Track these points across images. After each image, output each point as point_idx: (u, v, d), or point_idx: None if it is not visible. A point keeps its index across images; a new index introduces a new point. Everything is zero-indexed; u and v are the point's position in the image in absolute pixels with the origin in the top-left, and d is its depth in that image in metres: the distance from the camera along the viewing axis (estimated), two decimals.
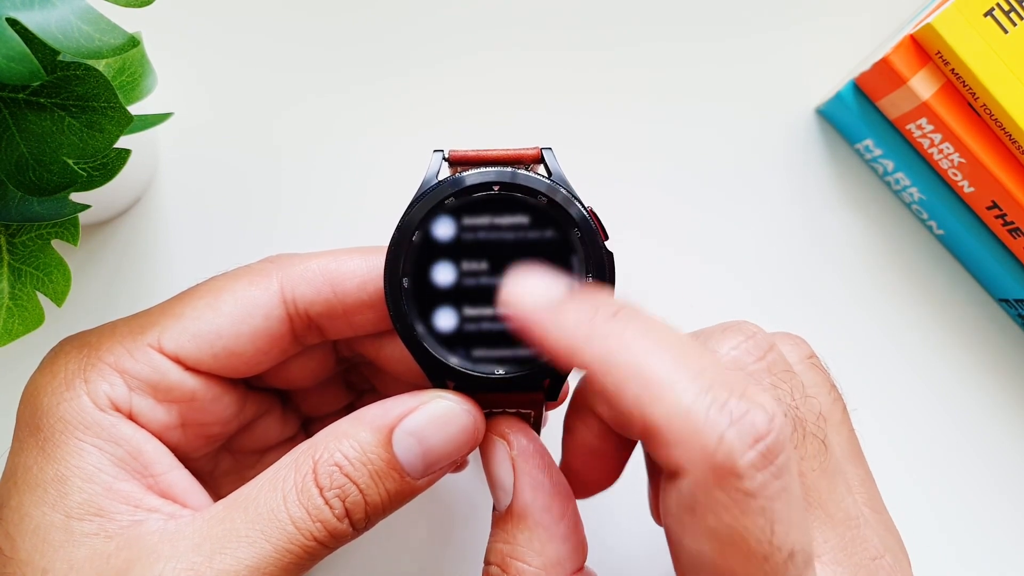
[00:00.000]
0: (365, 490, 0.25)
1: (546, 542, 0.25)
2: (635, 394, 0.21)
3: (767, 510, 0.21)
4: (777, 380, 0.25)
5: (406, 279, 0.26)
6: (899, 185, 0.40)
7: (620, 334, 0.22)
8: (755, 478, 0.20)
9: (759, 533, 0.21)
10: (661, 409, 0.21)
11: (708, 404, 0.21)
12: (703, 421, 0.21)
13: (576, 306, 0.23)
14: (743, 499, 0.20)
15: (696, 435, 0.20)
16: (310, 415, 0.33)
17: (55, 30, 0.23)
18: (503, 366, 0.26)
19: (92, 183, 0.27)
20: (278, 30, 0.40)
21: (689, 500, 0.21)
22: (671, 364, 0.21)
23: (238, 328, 0.27)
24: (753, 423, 0.21)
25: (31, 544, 0.24)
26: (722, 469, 0.20)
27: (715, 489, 0.20)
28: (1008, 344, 0.40)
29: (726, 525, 0.20)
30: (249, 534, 0.24)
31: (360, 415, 0.26)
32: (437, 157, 0.26)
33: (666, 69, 0.41)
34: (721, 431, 0.20)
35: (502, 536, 0.25)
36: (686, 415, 0.21)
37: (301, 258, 0.28)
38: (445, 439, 0.25)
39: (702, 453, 0.20)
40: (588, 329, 0.22)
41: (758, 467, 0.21)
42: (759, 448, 0.21)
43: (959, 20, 0.35)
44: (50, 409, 0.26)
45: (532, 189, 0.25)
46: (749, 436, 0.21)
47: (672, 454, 0.21)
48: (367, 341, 0.30)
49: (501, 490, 0.26)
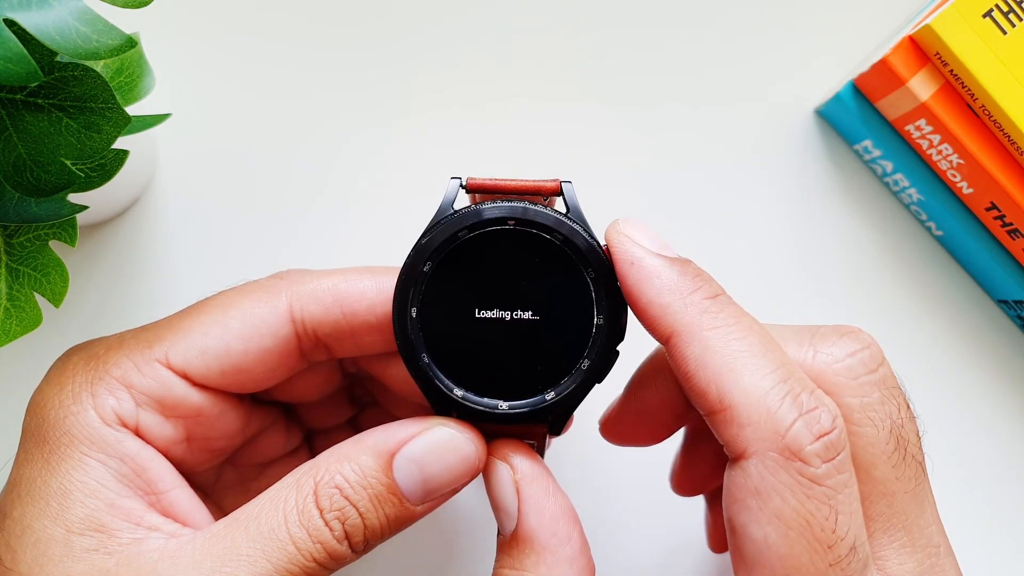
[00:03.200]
0: (364, 513, 0.25)
1: (553, 566, 0.25)
2: (717, 369, 0.23)
3: (831, 499, 0.22)
4: (887, 395, 0.25)
5: (414, 309, 0.26)
6: (898, 186, 0.40)
7: (716, 312, 0.24)
8: (820, 466, 0.22)
9: (823, 520, 0.22)
10: (739, 388, 0.22)
11: (784, 393, 0.22)
12: (777, 407, 0.22)
13: (681, 272, 0.24)
14: (809, 484, 0.22)
15: (768, 417, 0.22)
16: (313, 428, 0.33)
17: (52, 31, 0.23)
18: (508, 400, 0.26)
19: (90, 184, 0.27)
20: (278, 30, 0.40)
21: (756, 483, 0.22)
22: (756, 351, 0.23)
23: (246, 345, 0.27)
24: (819, 419, 0.22)
25: (31, 556, 0.24)
26: (790, 452, 0.22)
27: (782, 471, 0.22)
28: (1007, 345, 0.40)
29: (792, 508, 0.22)
30: (250, 553, 0.24)
31: (363, 439, 0.26)
32: (454, 184, 0.26)
33: (665, 70, 0.41)
34: (792, 418, 0.22)
35: (508, 561, 0.25)
36: (762, 398, 0.22)
37: (311, 276, 0.28)
38: (446, 467, 0.26)
39: (773, 434, 0.22)
40: (687, 297, 0.24)
41: (823, 457, 0.22)
42: (824, 442, 0.22)
43: (958, 21, 0.35)
44: (56, 422, 0.26)
45: (545, 226, 0.25)
46: (816, 429, 0.22)
47: (742, 433, 0.22)
48: (373, 360, 0.30)
49: (505, 514, 0.25)
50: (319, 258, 0.39)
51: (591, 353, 0.26)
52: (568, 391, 0.26)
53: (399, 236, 0.31)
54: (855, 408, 0.25)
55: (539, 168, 0.38)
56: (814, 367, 0.25)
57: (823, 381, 0.25)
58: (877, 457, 0.24)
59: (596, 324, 0.26)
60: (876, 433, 0.24)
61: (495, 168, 0.37)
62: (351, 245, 0.40)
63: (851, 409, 0.24)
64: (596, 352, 0.26)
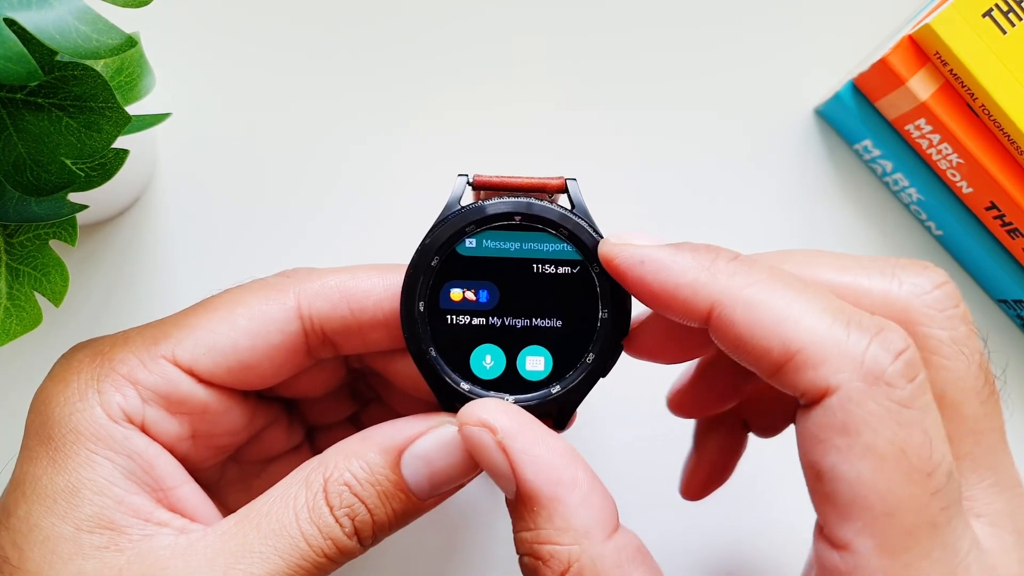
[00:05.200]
0: (373, 509, 0.25)
1: (567, 515, 0.23)
2: (772, 322, 0.22)
3: (923, 422, 0.21)
4: (971, 329, 0.24)
5: (422, 303, 0.26)
6: (898, 186, 0.40)
7: (747, 272, 0.23)
8: (906, 388, 0.21)
9: (919, 447, 0.21)
10: (803, 330, 0.21)
11: (846, 323, 0.21)
12: (846, 338, 0.21)
13: (692, 250, 0.24)
14: (899, 410, 0.21)
15: (843, 349, 0.21)
16: (315, 424, 0.33)
17: (52, 30, 0.23)
18: (513, 393, 0.26)
19: (90, 183, 0.27)
20: (279, 30, 0.40)
21: (841, 419, 0.21)
22: (800, 294, 0.22)
23: (254, 342, 0.27)
24: (891, 339, 0.21)
25: (39, 555, 0.24)
26: (873, 377, 0.21)
27: (869, 400, 0.21)
28: (1007, 345, 0.40)
29: (885, 439, 0.20)
30: (262, 550, 0.24)
31: (370, 435, 0.26)
32: (461, 181, 0.27)
33: (665, 71, 0.41)
34: (865, 344, 0.21)
35: (521, 524, 0.24)
36: (829, 333, 0.21)
37: (318, 273, 0.28)
38: (453, 464, 0.26)
39: (852, 364, 0.21)
40: (712, 268, 0.23)
41: (906, 377, 0.21)
42: (904, 359, 0.21)
43: (958, 21, 0.35)
44: (62, 419, 0.25)
45: (550, 221, 0.26)
46: (892, 349, 0.21)
47: (818, 373, 0.21)
48: (378, 356, 0.30)
49: (502, 478, 0.24)
50: (320, 258, 0.39)
51: (596, 347, 0.26)
52: (573, 385, 0.26)
53: (403, 237, 0.31)
54: (945, 341, 0.23)
55: (545, 170, 0.38)
56: (900, 298, 0.24)
57: (909, 312, 0.23)
58: (967, 393, 0.23)
59: (601, 318, 0.26)
60: (967, 367, 0.23)
61: (502, 168, 0.37)
62: (353, 245, 0.40)
63: (940, 342, 0.23)
64: (601, 346, 0.26)
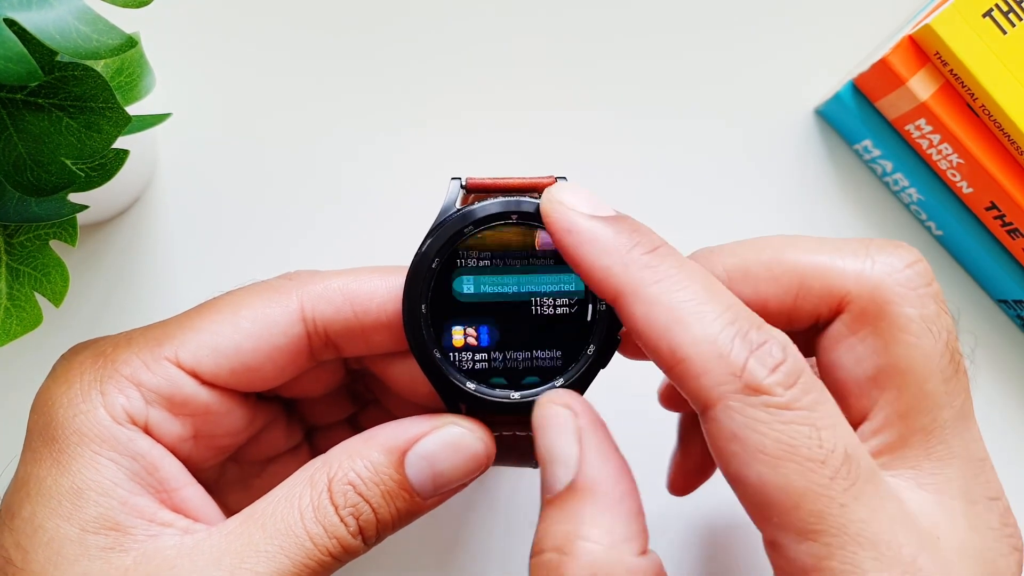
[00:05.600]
0: (377, 509, 0.26)
1: (615, 519, 0.23)
2: (664, 324, 0.22)
3: (807, 418, 0.21)
4: (941, 308, 0.25)
5: (424, 304, 0.26)
6: (898, 186, 0.40)
7: (656, 267, 0.23)
8: (784, 394, 0.21)
9: (806, 439, 0.21)
10: (689, 338, 0.22)
11: (732, 334, 0.22)
12: (728, 349, 0.22)
13: (616, 231, 0.24)
14: (780, 412, 0.21)
15: (722, 361, 0.22)
16: (315, 424, 0.33)
17: (53, 30, 0.23)
18: (519, 390, 0.27)
19: (90, 183, 0.27)
20: (280, 30, 0.40)
21: (730, 427, 0.21)
22: (700, 297, 0.23)
23: (257, 344, 0.27)
24: (771, 351, 0.22)
25: (44, 556, 0.24)
26: (751, 388, 0.21)
27: (749, 407, 0.21)
28: (1007, 345, 0.40)
29: (772, 439, 0.21)
30: (268, 549, 0.24)
31: (374, 435, 0.26)
32: (455, 184, 0.27)
33: (665, 72, 0.41)
34: (744, 357, 0.22)
35: (559, 516, 0.23)
36: (712, 344, 0.22)
37: (321, 276, 0.28)
38: (456, 464, 0.26)
39: (730, 377, 0.21)
40: (625, 256, 0.23)
41: (784, 385, 0.21)
42: (781, 371, 0.22)
43: (958, 21, 0.35)
44: (66, 420, 0.25)
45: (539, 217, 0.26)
46: (769, 362, 0.22)
47: (701, 383, 0.22)
48: (377, 359, 0.30)
49: (562, 465, 0.24)
50: (321, 258, 0.39)
51: (596, 339, 0.26)
52: (576, 377, 0.26)
53: (405, 238, 0.31)
54: (914, 319, 0.24)
55: (545, 171, 0.38)
56: (872, 276, 0.24)
57: (881, 291, 0.24)
58: (931, 371, 0.24)
59: (599, 310, 0.26)
60: (933, 344, 0.24)
61: (499, 169, 0.37)
62: (354, 245, 0.40)
63: (910, 319, 0.24)
64: (600, 337, 0.26)
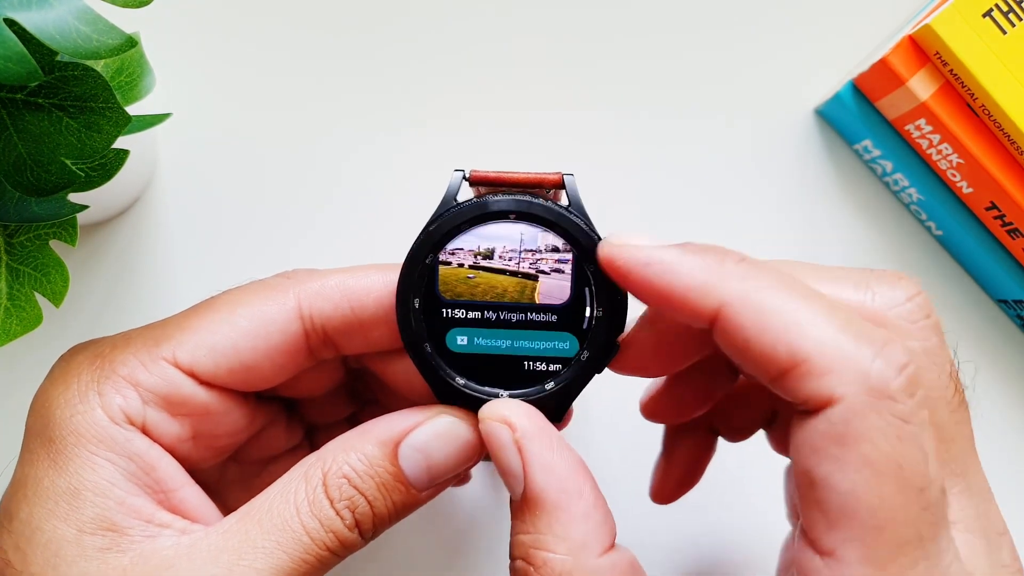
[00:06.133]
0: (373, 501, 0.25)
1: (568, 524, 0.24)
2: (780, 327, 0.22)
3: (920, 438, 0.21)
4: (942, 340, 0.25)
5: (417, 300, 0.26)
6: (898, 186, 0.40)
7: (755, 276, 0.23)
8: (907, 403, 0.21)
9: (916, 463, 0.21)
10: (811, 339, 0.21)
11: (854, 334, 0.21)
12: (854, 348, 0.21)
13: (700, 251, 0.24)
14: (899, 424, 0.21)
15: (849, 361, 0.21)
16: (315, 423, 0.33)
17: (53, 30, 0.23)
18: (509, 388, 0.26)
19: (90, 183, 0.27)
20: (280, 30, 0.40)
21: (840, 430, 0.21)
22: (809, 301, 0.22)
23: (255, 343, 0.27)
24: (895, 352, 0.21)
25: (43, 558, 0.24)
26: (877, 391, 0.21)
27: (871, 413, 0.21)
28: (1007, 345, 0.40)
29: (883, 453, 0.21)
30: (265, 545, 0.24)
31: (367, 428, 0.26)
32: (457, 176, 0.27)
33: (665, 72, 0.41)
34: (871, 357, 0.21)
35: (521, 527, 0.24)
36: (836, 343, 0.21)
37: (318, 274, 0.28)
38: (449, 454, 0.26)
39: (857, 377, 0.21)
40: (720, 271, 0.23)
41: (908, 392, 0.21)
42: (906, 374, 0.21)
43: (958, 21, 0.35)
44: (63, 421, 0.25)
45: (546, 220, 0.26)
46: (896, 363, 0.21)
47: (823, 382, 0.21)
48: (376, 357, 0.30)
49: (512, 477, 0.25)
50: (320, 257, 0.39)
51: (591, 345, 0.26)
52: (568, 381, 0.26)
53: (403, 236, 0.31)
54: (917, 352, 0.24)
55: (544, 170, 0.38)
56: (874, 309, 0.24)
57: (883, 324, 0.24)
58: (938, 402, 0.24)
59: (596, 316, 0.26)
60: (938, 377, 0.24)
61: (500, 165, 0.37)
62: (353, 244, 0.40)
63: (914, 353, 0.24)
64: (596, 344, 0.26)
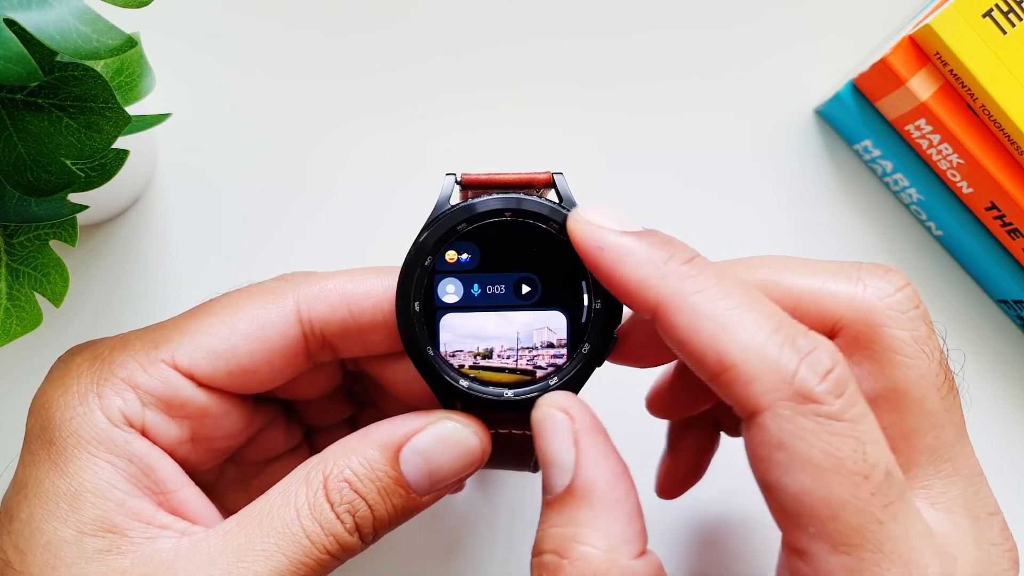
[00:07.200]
0: (373, 505, 0.25)
1: (612, 522, 0.23)
2: (710, 332, 0.22)
3: (854, 431, 0.22)
4: (931, 329, 0.25)
5: (417, 303, 0.26)
6: (898, 186, 0.40)
7: (695, 276, 0.23)
8: (836, 403, 0.22)
9: (853, 453, 0.21)
10: (736, 345, 0.22)
11: (780, 341, 0.22)
12: (777, 355, 0.22)
13: (650, 244, 0.24)
14: (829, 423, 0.21)
15: (772, 367, 0.22)
16: (313, 425, 0.33)
17: (53, 31, 0.23)
18: (513, 388, 0.26)
19: (90, 184, 0.27)
20: (280, 30, 0.40)
21: (776, 435, 0.22)
22: (744, 305, 0.23)
23: (253, 346, 0.27)
24: (820, 359, 0.22)
25: (42, 559, 0.24)
26: (802, 396, 0.21)
27: (799, 416, 0.21)
28: (1007, 345, 0.40)
29: (819, 450, 0.21)
30: (265, 548, 0.24)
31: (368, 432, 0.26)
32: (449, 180, 0.27)
33: (665, 71, 0.41)
34: (795, 363, 0.22)
35: (558, 519, 0.24)
36: (761, 350, 0.22)
37: (317, 277, 0.28)
38: (451, 459, 0.26)
39: (780, 383, 0.22)
40: (663, 268, 0.23)
41: (835, 394, 0.22)
42: (831, 378, 0.22)
43: (958, 21, 0.35)
44: (63, 423, 0.25)
45: (540, 215, 0.26)
46: (819, 368, 0.22)
47: (749, 390, 0.22)
48: (373, 361, 0.30)
49: (559, 469, 0.24)
50: (319, 258, 0.39)
51: (591, 337, 0.26)
52: (571, 375, 0.26)
53: (402, 238, 0.31)
54: (907, 341, 0.24)
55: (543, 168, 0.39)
56: (865, 301, 0.25)
57: (874, 314, 0.25)
58: (928, 390, 0.24)
59: (594, 309, 0.26)
60: (928, 365, 0.24)
61: (496, 165, 0.37)
62: (352, 245, 0.40)
63: (903, 342, 0.24)
64: (595, 336, 0.26)
